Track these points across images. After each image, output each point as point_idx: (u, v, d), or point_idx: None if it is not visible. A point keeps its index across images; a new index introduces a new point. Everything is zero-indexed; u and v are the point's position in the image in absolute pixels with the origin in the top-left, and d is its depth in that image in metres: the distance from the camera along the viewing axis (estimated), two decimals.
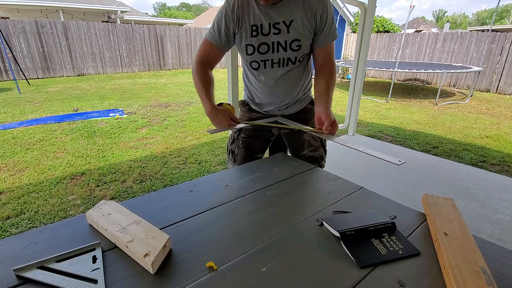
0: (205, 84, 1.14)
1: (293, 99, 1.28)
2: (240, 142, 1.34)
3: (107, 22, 12.28)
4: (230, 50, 1.97)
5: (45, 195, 2.38)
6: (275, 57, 1.14)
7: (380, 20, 16.82)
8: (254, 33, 1.10)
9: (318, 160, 1.35)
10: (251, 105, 1.35)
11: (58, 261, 0.58)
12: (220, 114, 1.12)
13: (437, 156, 3.29)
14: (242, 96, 1.46)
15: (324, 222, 0.72)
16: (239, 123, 1.18)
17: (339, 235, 0.66)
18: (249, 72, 1.26)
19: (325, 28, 1.11)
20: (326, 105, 1.10)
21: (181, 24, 16.74)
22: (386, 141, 3.83)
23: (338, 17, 9.72)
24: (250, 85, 1.30)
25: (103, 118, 4.67)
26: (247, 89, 1.34)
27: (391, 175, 2.63)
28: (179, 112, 5.17)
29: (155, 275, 0.56)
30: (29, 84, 7.62)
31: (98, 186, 2.55)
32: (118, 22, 13.63)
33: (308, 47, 1.15)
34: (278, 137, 1.39)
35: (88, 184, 2.58)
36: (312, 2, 1.07)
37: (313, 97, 1.23)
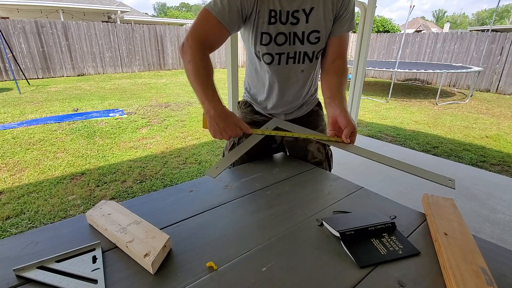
0: (210, 74, 0.89)
1: (301, 101, 1.15)
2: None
3: (107, 22, 12.27)
4: (230, 47, 1.98)
5: (45, 195, 2.38)
6: (291, 50, 0.98)
7: (380, 20, 16.82)
8: (273, 20, 0.92)
9: (326, 168, 1.19)
10: (254, 106, 1.20)
11: (58, 261, 0.58)
12: (230, 120, 0.87)
13: (437, 156, 3.29)
14: (241, 96, 1.31)
15: (324, 222, 0.72)
16: (250, 133, 0.95)
17: (339, 235, 0.66)
18: (258, 67, 1.07)
19: (343, 14, 0.96)
20: (342, 106, 0.94)
21: (181, 24, 16.74)
22: (386, 141, 3.83)
23: None
24: (256, 83, 1.13)
25: (103, 118, 4.66)
26: (251, 88, 1.18)
27: (391, 175, 2.63)
28: (179, 112, 5.16)
29: (155, 275, 0.56)
30: (29, 84, 7.62)
31: (98, 186, 2.55)
32: (118, 22, 13.63)
33: (325, 39, 1.00)
34: (281, 145, 1.25)
35: (88, 184, 2.58)
36: None
37: (322, 98, 1.10)
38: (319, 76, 1.11)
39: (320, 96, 1.16)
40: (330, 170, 1.22)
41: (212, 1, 0.89)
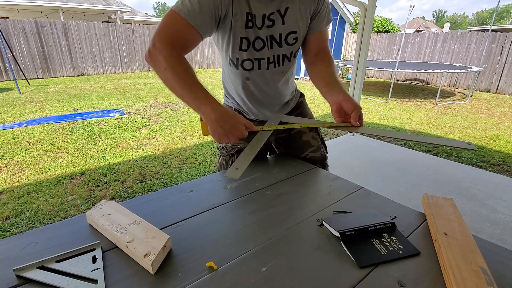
0: (193, 76, 0.79)
1: (287, 97, 1.12)
2: (235, 155, 1.15)
3: (107, 22, 12.27)
4: None
5: (45, 195, 2.38)
6: (270, 55, 0.94)
7: (380, 20, 16.83)
8: (249, 24, 0.86)
9: (320, 161, 1.19)
10: (244, 114, 1.14)
11: (58, 261, 0.58)
12: (234, 119, 0.79)
13: (437, 156, 3.29)
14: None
15: (324, 222, 0.72)
16: (256, 131, 0.90)
17: (339, 235, 0.66)
18: (237, 74, 0.99)
19: (321, 9, 0.94)
20: (344, 92, 0.90)
21: None
22: (386, 141, 3.83)
23: (338, 17, 9.71)
24: (237, 90, 1.06)
25: (103, 118, 4.66)
26: (234, 96, 1.10)
27: (391, 175, 2.63)
28: (179, 112, 5.17)
29: (155, 275, 0.56)
30: (29, 84, 7.62)
31: (98, 186, 2.55)
32: (118, 22, 13.63)
33: (303, 39, 0.97)
34: (277, 143, 1.23)
35: (88, 184, 2.58)
36: None
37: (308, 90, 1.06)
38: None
39: (306, 87, 1.13)
40: (326, 152, 1.22)
41: (180, 2, 0.78)
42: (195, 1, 0.77)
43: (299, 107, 1.20)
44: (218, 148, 1.20)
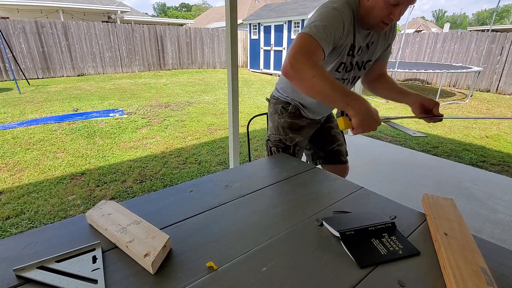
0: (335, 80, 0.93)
1: None
2: (297, 149, 1.33)
3: (107, 22, 12.27)
4: (230, 47, 1.98)
5: (45, 195, 2.38)
6: (351, 76, 1.17)
7: None
8: (350, 52, 1.08)
9: (344, 154, 1.46)
10: (302, 111, 1.30)
11: (58, 261, 0.58)
12: (375, 112, 0.89)
13: (437, 156, 3.29)
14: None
15: (324, 222, 0.72)
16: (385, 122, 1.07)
17: (339, 235, 0.66)
18: None
19: (391, 44, 1.19)
20: (417, 94, 1.12)
21: (181, 24, 16.74)
22: (386, 141, 3.83)
23: None
24: (308, 97, 1.23)
25: (103, 118, 4.66)
26: (303, 98, 1.27)
27: (391, 175, 2.63)
28: (179, 112, 5.16)
29: (155, 275, 0.56)
30: (29, 84, 7.62)
31: (98, 186, 2.55)
32: (118, 22, 13.63)
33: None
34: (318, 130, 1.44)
35: (88, 184, 2.58)
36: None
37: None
38: None
39: None
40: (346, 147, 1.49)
41: (313, 27, 0.93)
42: (327, 31, 0.94)
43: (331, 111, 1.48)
44: (270, 140, 1.37)
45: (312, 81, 0.88)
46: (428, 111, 1.09)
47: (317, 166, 1.13)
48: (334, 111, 1.22)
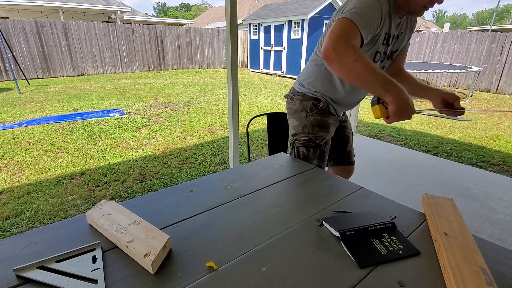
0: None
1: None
2: (326, 147, 1.31)
3: (107, 22, 12.26)
4: (230, 47, 1.98)
5: (45, 195, 2.38)
6: (381, 66, 1.17)
7: None
8: (385, 41, 1.08)
9: (353, 155, 1.50)
10: (331, 107, 1.27)
11: (58, 261, 0.58)
12: (411, 100, 0.89)
13: (437, 156, 3.29)
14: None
15: (324, 222, 0.72)
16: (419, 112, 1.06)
17: (339, 235, 0.66)
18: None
19: (411, 36, 1.19)
20: (435, 88, 1.15)
21: (181, 24, 16.74)
22: (386, 141, 3.83)
23: None
24: (340, 88, 1.21)
25: (103, 118, 4.66)
26: (333, 92, 1.24)
27: (391, 175, 2.63)
28: (179, 112, 5.16)
29: (155, 275, 0.56)
30: (29, 84, 7.61)
31: (98, 186, 2.55)
32: (118, 22, 13.63)
33: None
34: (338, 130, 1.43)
35: (88, 184, 2.58)
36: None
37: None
38: None
39: None
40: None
41: (354, 13, 0.92)
42: (366, 19, 0.93)
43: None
44: (298, 140, 1.30)
45: (353, 65, 0.86)
46: (449, 105, 1.11)
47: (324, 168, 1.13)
48: (362, 105, 1.19)
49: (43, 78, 8.83)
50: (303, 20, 9.38)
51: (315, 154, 1.28)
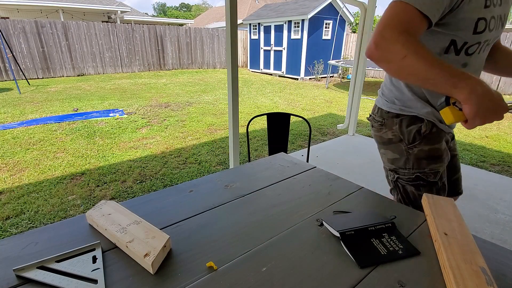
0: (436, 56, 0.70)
1: None
2: (443, 181, 0.98)
3: (107, 22, 12.27)
4: (230, 47, 1.98)
5: (45, 195, 2.38)
6: (490, 37, 0.84)
7: None
8: (488, 3, 0.77)
9: (461, 183, 1.13)
10: (438, 124, 0.93)
11: (58, 261, 0.58)
12: (498, 93, 0.67)
13: None
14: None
15: (324, 222, 0.72)
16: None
17: (339, 235, 0.66)
18: (451, 62, 0.84)
19: None
20: None
21: (181, 24, 16.74)
22: None
23: (338, 17, 9.71)
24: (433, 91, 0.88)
25: (103, 118, 4.66)
26: (431, 97, 0.91)
27: None
28: (179, 112, 5.16)
29: (155, 275, 0.56)
30: (29, 84, 7.61)
31: (98, 186, 2.55)
32: (118, 22, 13.63)
33: None
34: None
35: (88, 184, 2.58)
36: None
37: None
38: None
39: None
40: None
41: None
42: None
43: None
44: (401, 178, 1.00)
45: (402, 62, 0.68)
46: None
47: None
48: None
49: (43, 78, 8.83)
50: (303, 20, 9.38)
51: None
